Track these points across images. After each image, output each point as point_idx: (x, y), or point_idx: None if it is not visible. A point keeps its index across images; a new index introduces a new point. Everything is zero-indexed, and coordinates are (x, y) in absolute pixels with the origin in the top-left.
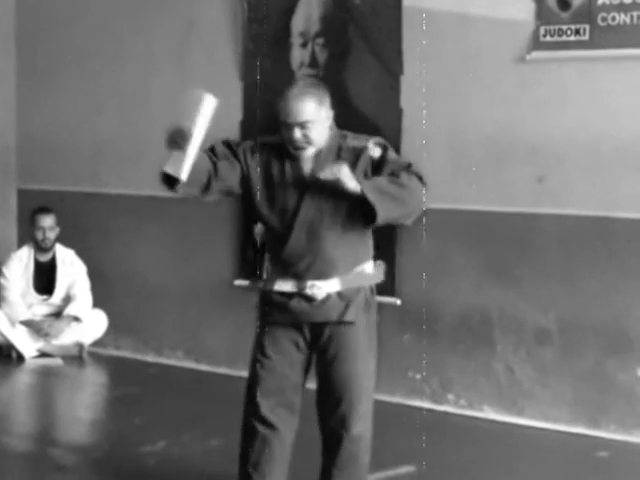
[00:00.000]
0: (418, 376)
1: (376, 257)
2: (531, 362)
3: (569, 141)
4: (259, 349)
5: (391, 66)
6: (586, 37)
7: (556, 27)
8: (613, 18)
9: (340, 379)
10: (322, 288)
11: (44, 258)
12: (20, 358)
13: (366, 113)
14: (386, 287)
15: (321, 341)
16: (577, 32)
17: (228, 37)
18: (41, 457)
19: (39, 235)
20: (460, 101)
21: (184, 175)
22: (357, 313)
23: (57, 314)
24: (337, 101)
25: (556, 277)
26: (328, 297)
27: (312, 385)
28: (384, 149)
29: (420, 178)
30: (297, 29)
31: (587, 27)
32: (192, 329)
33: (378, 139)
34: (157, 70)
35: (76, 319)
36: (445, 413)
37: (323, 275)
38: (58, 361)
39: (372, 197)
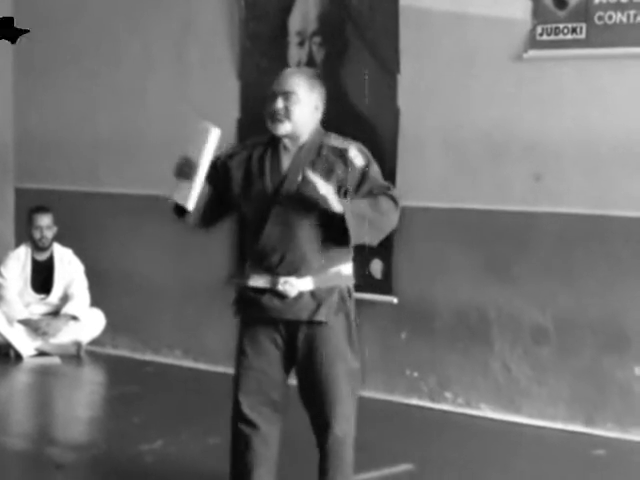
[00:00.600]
0: (416, 374)
1: (373, 255)
2: (528, 360)
3: (566, 139)
4: (239, 348)
5: (388, 65)
6: (583, 36)
7: (553, 26)
8: (610, 17)
9: (317, 381)
10: (295, 285)
11: (42, 257)
12: (18, 357)
13: (363, 111)
14: (383, 285)
15: (297, 341)
16: (574, 31)
17: (225, 36)
18: (39, 456)
19: (37, 234)
20: (457, 100)
21: (191, 205)
22: (329, 313)
23: (55, 313)
24: (334, 99)
25: (553, 275)
26: (300, 295)
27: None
28: (367, 160)
29: (396, 202)
30: (294, 28)
31: (584, 26)
32: (190, 328)
33: (360, 145)
34: (154, 69)
35: (74, 318)
36: (443, 411)
37: (296, 272)
38: (56, 360)
39: (351, 222)
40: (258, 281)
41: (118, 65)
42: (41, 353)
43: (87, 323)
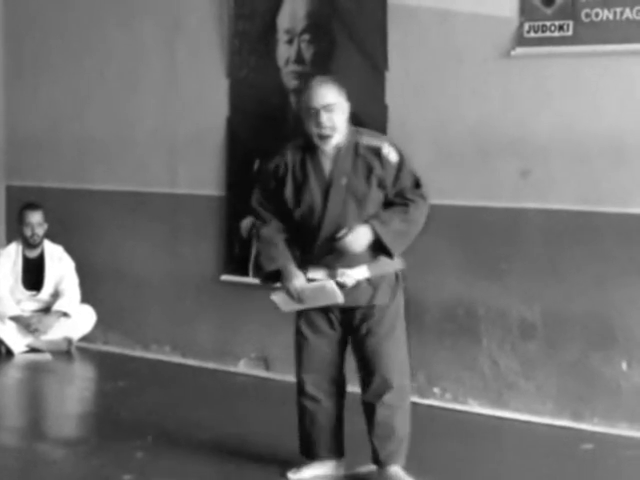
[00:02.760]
0: None
1: None
2: (516, 356)
3: (553, 136)
4: (299, 333)
5: (376, 62)
6: (570, 33)
7: (540, 23)
8: (596, 14)
9: (371, 355)
10: (352, 276)
11: (32, 254)
12: (9, 353)
13: (352, 109)
14: None
15: (353, 323)
16: (561, 28)
17: (214, 34)
18: (30, 451)
19: (27, 231)
20: (445, 97)
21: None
22: (385, 297)
23: (46, 310)
24: None
25: (541, 271)
26: (358, 283)
27: None
28: (400, 155)
29: (425, 200)
30: (283, 26)
31: (571, 23)
32: (179, 324)
33: (390, 140)
34: (144, 67)
35: (65, 314)
36: (431, 407)
37: (352, 264)
38: (47, 356)
39: (391, 244)
40: (317, 274)
41: (108, 63)
42: (32, 349)
43: (78, 320)
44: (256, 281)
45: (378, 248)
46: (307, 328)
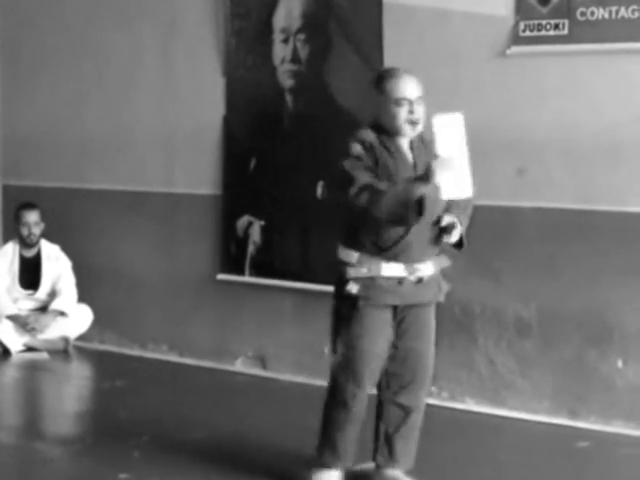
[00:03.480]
0: None
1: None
2: (512, 354)
3: (549, 135)
4: (356, 332)
5: (372, 61)
6: (565, 32)
7: (535, 22)
8: (592, 13)
9: (416, 357)
10: (423, 271)
11: (29, 254)
12: (6, 352)
13: (347, 108)
14: None
15: (406, 321)
16: (556, 27)
17: (210, 33)
18: (27, 450)
19: (24, 231)
20: (440, 96)
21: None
22: (442, 294)
23: (43, 309)
24: (318, 96)
25: (537, 269)
26: (428, 280)
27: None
28: None
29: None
30: (279, 25)
31: (566, 22)
32: (176, 323)
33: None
34: (140, 66)
35: (61, 314)
36: (427, 405)
37: (423, 259)
38: (44, 355)
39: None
40: (390, 270)
41: (105, 63)
42: (29, 348)
43: (75, 319)
44: (252, 280)
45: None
46: (365, 329)
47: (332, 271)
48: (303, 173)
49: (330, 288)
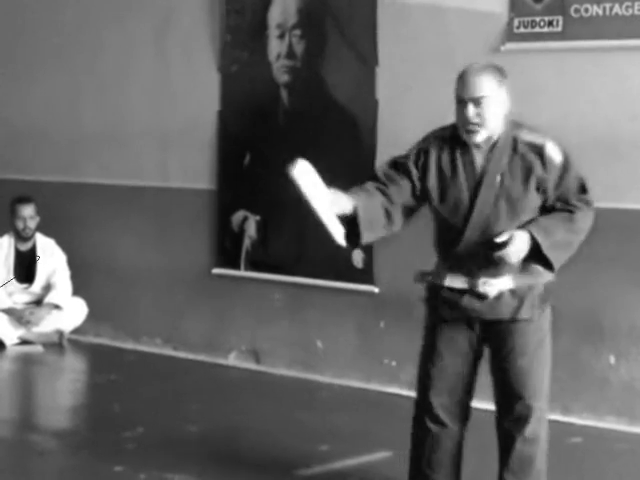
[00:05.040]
0: (394, 363)
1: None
2: None
3: (543, 131)
4: (431, 347)
5: (367, 57)
6: (559, 28)
7: (530, 19)
8: (586, 10)
9: (515, 377)
10: (494, 285)
11: (24, 247)
12: (1, 345)
13: (342, 104)
14: (364, 275)
15: (495, 339)
16: (550, 24)
17: (206, 29)
18: (22, 443)
19: (20, 224)
20: (435, 92)
21: (340, 240)
22: (532, 310)
23: (37, 302)
24: (314, 92)
25: None
26: (501, 294)
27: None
28: (565, 157)
29: (591, 208)
30: (274, 21)
31: (560, 19)
32: (170, 317)
33: (555, 141)
34: (136, 60)
35: (56, 307)
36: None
37: (496, 272)
38: (38, 348)
39: (552, 255)
40: (455, 282)
41: (100, 57)
42: (24, 342)
43: (69, 312)
44: (247, 274)
45: (534, 258)
46: (445, 345)
47: (327, 266)
48: None
49: (324, 282)
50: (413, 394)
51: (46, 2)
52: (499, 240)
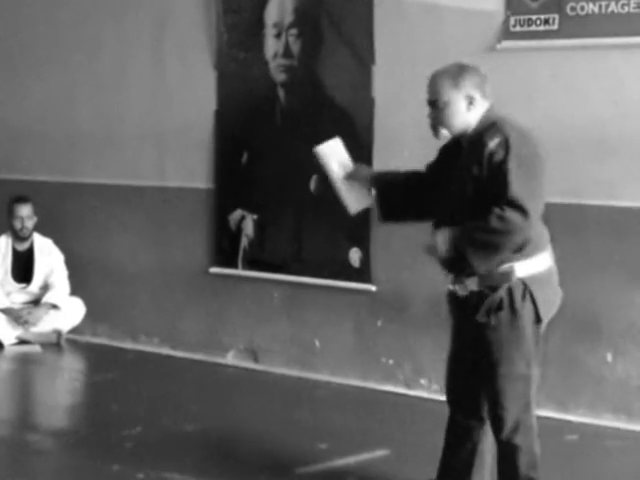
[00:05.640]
0: (391, 362)
1: (351, 244)
2: None
3: (538, 129)
4: (450, 343)
5: (363, 56)
6: (555, 27)
7: (526, 17)
8: (582, 8)
9: (483, 384)
10: (466, 285)
11: (22, 247)
12: None
13: (339, 102)
14: (361, 274)
15: (472, 340)
16: (546, 22)
17: (202, 27)
18: (20, 442)
19: (17, 224)
20: None
21: (352, 210)
22: (489, 314)
23: (35, 302)
24: (310, 91)
25: None
26: (471, 295)
27: None
28: (505, 156)
29: (518, 207)
30: (271, 20)
31: (556, 17)
32: (168, 316)
33: (509, 139)
34: (132, 59)
35: (54, 307)
36: (418, 398)
37: (467, 271)
38: (36, 348)
39: (466, 252)
40: (448, 280)
41: (96, 56)
42: (22, 341)
43: (67, 312)
44: (245, 274)
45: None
46: (454, 340)
47: (324, 265)
48: (295, 167)
49: (322, 281)
50: (410, 392)
51: (43, 1)
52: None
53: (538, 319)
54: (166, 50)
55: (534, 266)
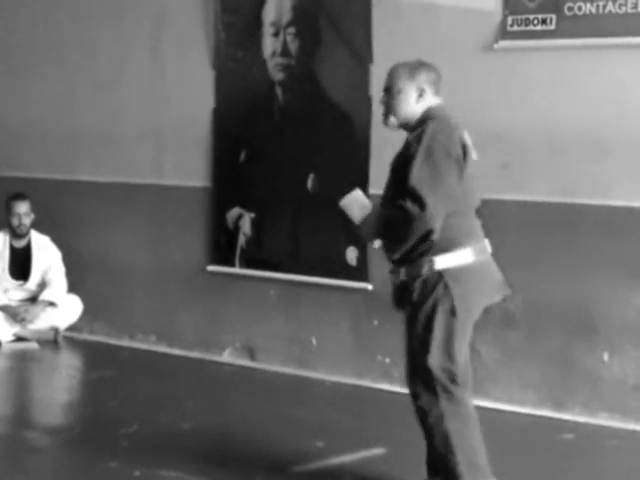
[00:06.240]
0: (387, 360)
1: (348, 243)
2: (497, 345)
3: (534, 129)
4: None
5: (361, 54)
6: (552, 27)
7: (523, 17)
8: (579, 8)
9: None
10: (398, 274)
11: (19, 244)
12: None
13: (337, 101)
14: (358, 272)
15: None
16: (544, 22)
17: (200, 26)
18: (17, 439)
19: (15, 221)
20: None
21: (377, 245)
22: (408, 304)
23: (33, 299)
24: (308, 89)
25: (522, 262)
26: (400, 283)
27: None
28: (414, 152)
29: (409, 212)
30: (269, 19)
31: (554, 17)
32: (165, 314)
33: (426, 134)
34: (130, 58)
35: (51, 304)
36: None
37: (398, 262)
38: (34, 345)
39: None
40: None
41: (94, 55)
42: (19, 338)
43: (64, 309)
44: (242, 272)
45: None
46: None
47: (321, 263)
48: (293, 166)
49: (319, 280)
50: (406, 391)
51: (42, 0)
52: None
53: (453, 312)
54: (164, 49)
55: (453, 260)
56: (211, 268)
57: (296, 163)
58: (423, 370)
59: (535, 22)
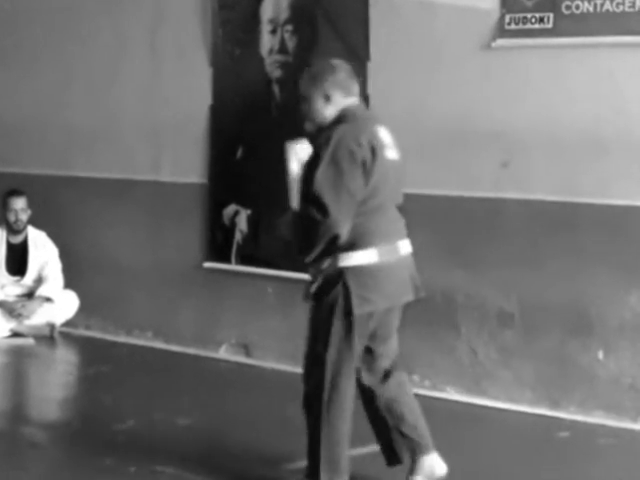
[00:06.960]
0: None
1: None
2: (494, 344)
3: (533, 127)
4: None
5: (358, 52)
6: (550, 25)
7: (521, 15)
8: (577, 6)
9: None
10: (311, 273)
11: (16, 240)
12: None
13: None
14: None
15: None
16: (541, 20)
17: (198, 23)
18: (13, 435)
19: (11, 217)
20: (426, 87)
21: (294, 205)
22: (309, 299)
23: (29, 295)
24: None
25: (519, 261)
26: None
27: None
28: (312, 158)
29: (321, 206)
30: (266, 16)
31: (551, 15)
32: (162, 310)
33: (332, 139)
34: (127, 54)
35: (48, 300)
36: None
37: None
38: (30, 341)
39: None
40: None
41: (91, 51)
42: (15, 334)
43: (61, 305)
44: (238, 268)
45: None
46: None
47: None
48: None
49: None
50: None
51: None
52: None
53: (349, 310)
54: (161, 45)
55: (355, 259)
56: (207, 265)
57: None
58: (317, 360)
59: (533, 20)
